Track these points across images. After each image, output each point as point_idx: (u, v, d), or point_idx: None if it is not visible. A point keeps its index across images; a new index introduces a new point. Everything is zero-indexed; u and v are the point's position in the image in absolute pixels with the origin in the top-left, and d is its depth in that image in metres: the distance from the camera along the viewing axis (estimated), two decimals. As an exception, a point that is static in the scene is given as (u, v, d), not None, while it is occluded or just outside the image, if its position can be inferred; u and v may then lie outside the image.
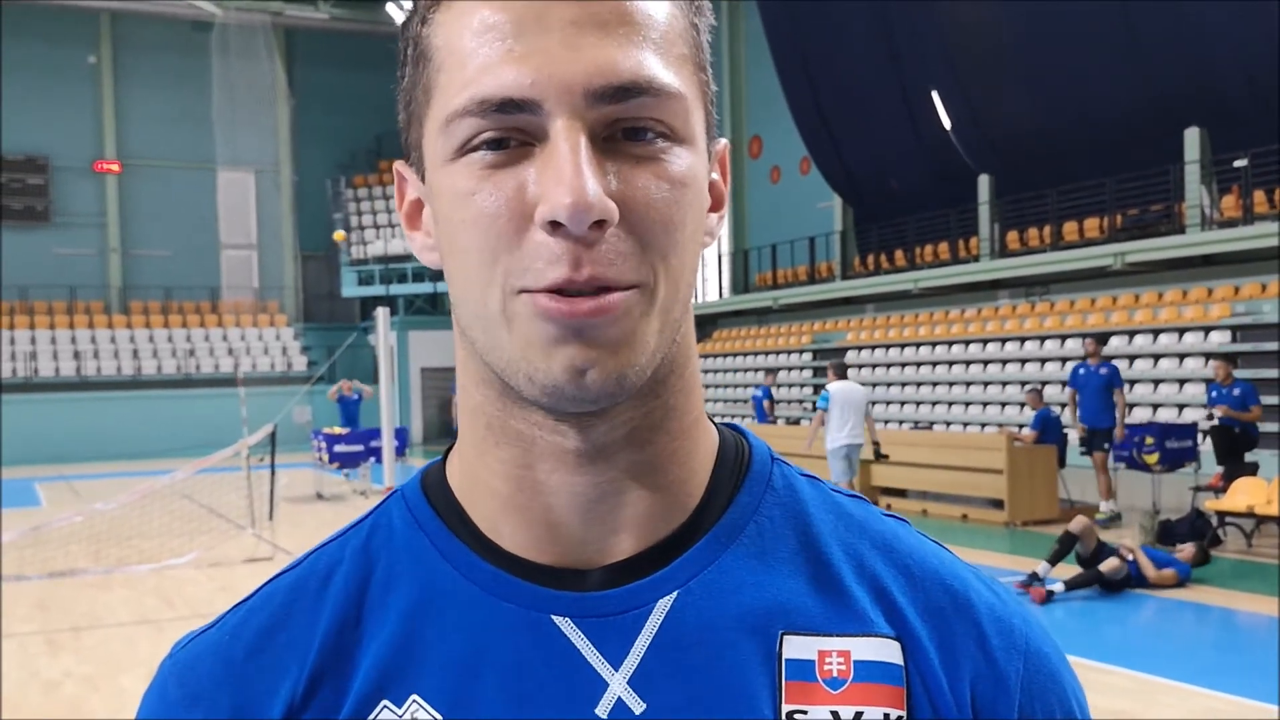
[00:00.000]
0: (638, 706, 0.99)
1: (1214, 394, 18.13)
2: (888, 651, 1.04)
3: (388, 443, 14.78)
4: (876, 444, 19.32)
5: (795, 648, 1.02)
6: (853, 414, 17.82)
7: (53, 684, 10.46)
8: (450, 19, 0.98)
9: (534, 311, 0.94)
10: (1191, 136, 25.01)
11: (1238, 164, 23.78)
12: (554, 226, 0.92)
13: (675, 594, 1.03)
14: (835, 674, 1.02)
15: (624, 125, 0.95)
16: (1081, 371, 19.26)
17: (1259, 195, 23.61)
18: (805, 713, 1.01)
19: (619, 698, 1.00)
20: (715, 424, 1.16)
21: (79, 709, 9.64)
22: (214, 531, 19.21)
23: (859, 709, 1.01)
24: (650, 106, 0.95)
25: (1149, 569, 13.54)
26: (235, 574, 15.73)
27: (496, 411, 1.04)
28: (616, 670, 1.00)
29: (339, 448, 24.26)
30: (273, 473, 18.35)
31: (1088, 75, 26.91)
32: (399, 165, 1.13)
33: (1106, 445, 18.89)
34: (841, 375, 18.33)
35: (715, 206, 1.09)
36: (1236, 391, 17.73)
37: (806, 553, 1.08)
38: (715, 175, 1.10)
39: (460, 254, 0.98)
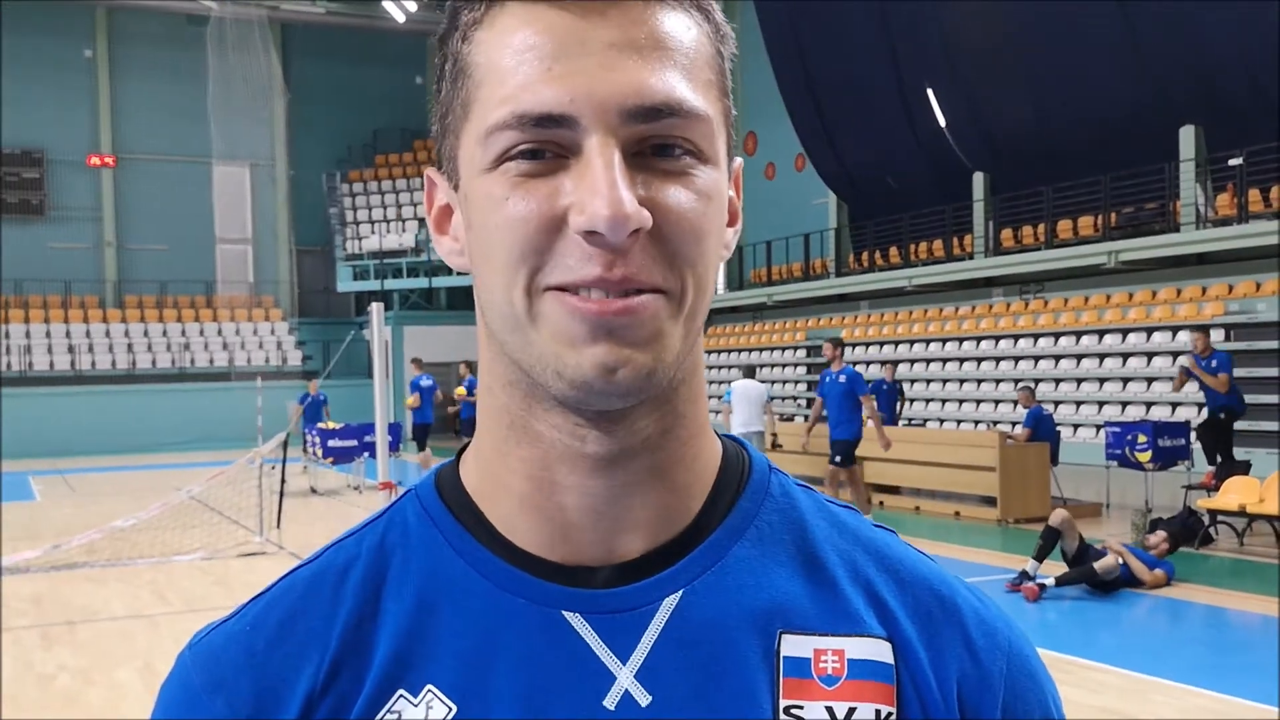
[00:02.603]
0: (644, 699, 1.03)
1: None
2: (880, 651, 1.09)
3: (381, 437, 14.72)
4: (774, 434, 21.42)
5: (793, 646, 1.07)
6: (747, 407, 20.41)
7: (47, 678, 10.48)
8: (492, 38, 1.02)
9: (564, 310, 0.98)
10: (1186, 135, 25.04)
11: (1233, 162, 23.81)
12: (589, 235, 0.96)
13: (680, 593, 1.08)
14: (830, 671, 1.07)
15: (653, 142, 0.99)
16: (827, 380, 18.10)
17: (1254, 194, 23.63)
18: (801, 708, 1.05)
19: (626, 690, 1.04)
20: (717, 435, 1.20)
21: (74, 702, 9.66)
22: (209, 526, 19.21)
23: (852, 705, 1.06)
24: (679, 127, 0.99)
25: (1143, 572, 13.56)
26: (230, 568, 15.73)
27: (520, 412, 1.08)
28: (624, 664, 1.05)
29: (333, 443, 24.25)
30: (283, 481, 18.35)
31: (1083, 74, 26.91)
32: (430, 171, 1.17)
33: (839, 459, 17.77)
34: (749, 375, 21.60)
35: (731, 222, 1.14)
36: (1214, 363, 17.65)
37: (803, 557, 1.13)
38: (731, 192, 1.14)
39: (490, 256, 1.02)
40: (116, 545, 17.35)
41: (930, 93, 32.21)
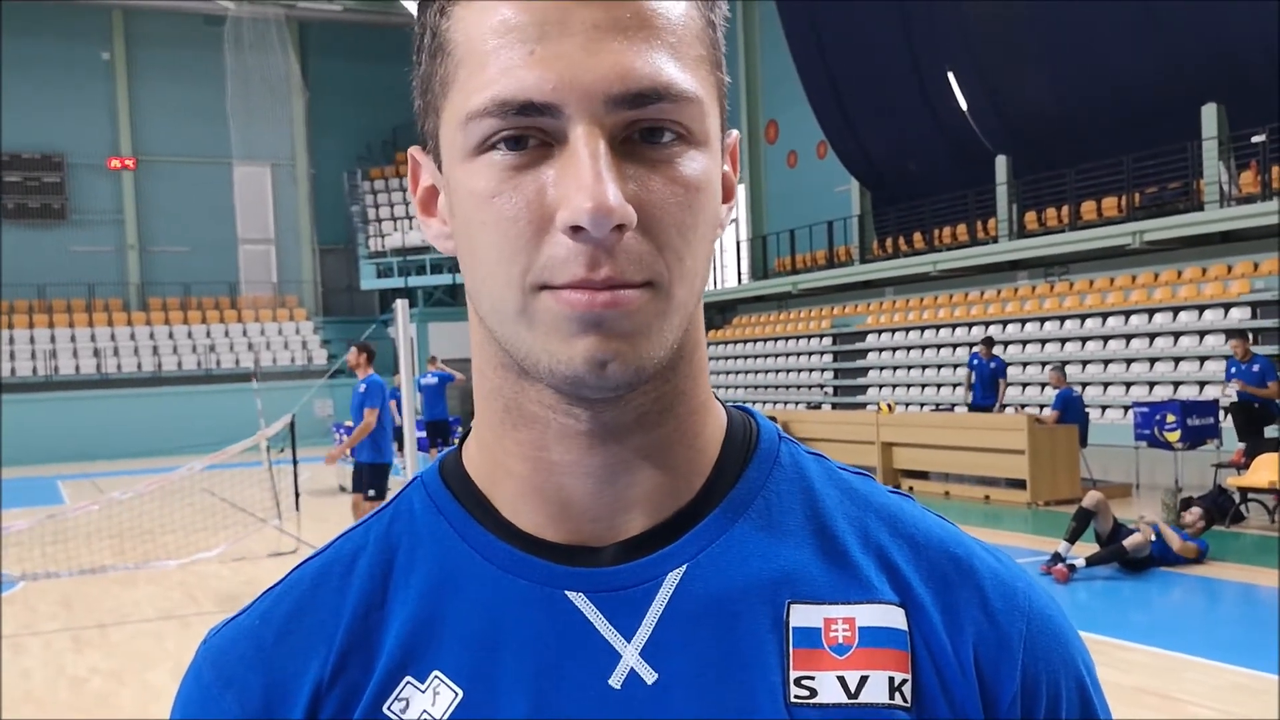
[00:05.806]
0: (650, 676, 1.02)
1: (1233, 370, 18.14)
2: (892, 617, 1.07)
3: (409, 434, 14.75)
4: None
5: (802, 616, 1.05)
6: None
7: (80, 680, 10.52)
8: (471, 15, 0.99)
9: (555, 306, 0.96)
10: (1209, 113, 24.94)
11: (1255, 140, 23.71)
12: (575, 230, 0.93)
13: (684, 567, 1.06)
14: (841, 640, 1.05)
15: (642, 126, 0.96)
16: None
17: (1277, 171, 23.52)
18: (812, 678, 1.03)
19: (631, 668, 1.03)
20: (724, 405, 1.19)
21: (107, 704, 9.69)
22: (237, 525, 19.27)
23: (864, 673, 1.04)
24: (668, 110, 0.96)
25: (1173, 539, 13.56)
26: (260, 568, 15.78)
27: (514, 394, 1.06)
28: (629, 642, 1.03)
29: (361, 440, 24.22)
30: (295, 464, 18.41)
31: (1104, 53, 26.82)
32: (414, 150, 1.15)
33: (370, 491, 14.74)
34: None
35: (725, 198, 1.10)
36: (1256, 368, 17.75)
37: (812, 525, 1.11)
38: (726, 167, 1.11)
39: (479, 252, 1.00)
40: (145, 547, 17.41)
41: (950, 76, 32.15)
